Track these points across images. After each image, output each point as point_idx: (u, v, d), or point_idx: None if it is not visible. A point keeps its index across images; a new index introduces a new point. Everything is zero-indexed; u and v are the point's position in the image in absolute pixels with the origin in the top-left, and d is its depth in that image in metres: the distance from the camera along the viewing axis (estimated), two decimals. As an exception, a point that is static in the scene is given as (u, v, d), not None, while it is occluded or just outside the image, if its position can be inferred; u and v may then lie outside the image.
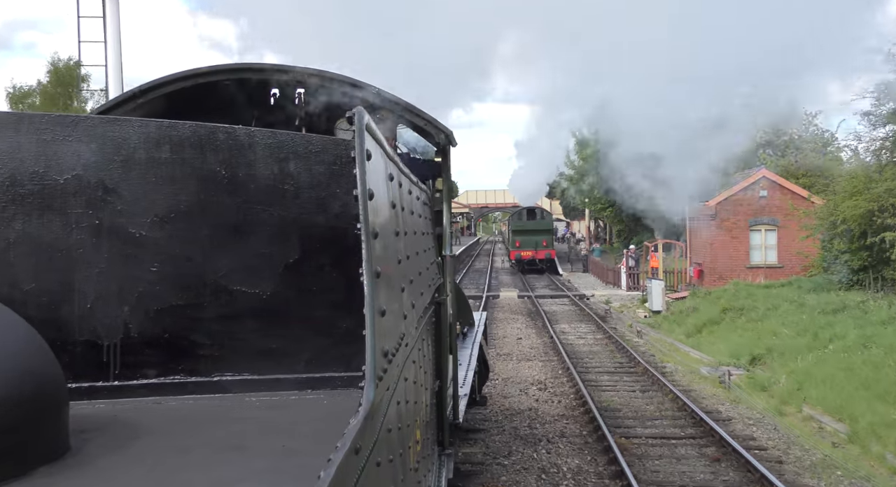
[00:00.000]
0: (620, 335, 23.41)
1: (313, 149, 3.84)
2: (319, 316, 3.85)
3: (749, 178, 29.06)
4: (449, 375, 6.00)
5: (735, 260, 29.12)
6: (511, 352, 20.60)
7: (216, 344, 3.84)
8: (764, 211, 28.90)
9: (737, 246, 29.13)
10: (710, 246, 29.53)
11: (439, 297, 5.44)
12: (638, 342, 22.30)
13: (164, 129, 3.74)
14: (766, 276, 28.06)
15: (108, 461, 2.69)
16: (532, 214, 53.16)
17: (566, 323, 26.83)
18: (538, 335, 23.97)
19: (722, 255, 29.26)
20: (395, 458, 2.50)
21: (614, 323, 26.99)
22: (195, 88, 5.07)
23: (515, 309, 31.66)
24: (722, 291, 26.23)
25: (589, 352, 20.50)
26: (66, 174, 3.67)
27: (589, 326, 25.83)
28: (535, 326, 26.06)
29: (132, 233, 3.74)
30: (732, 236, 29.18)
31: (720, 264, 29.29)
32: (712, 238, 29.43)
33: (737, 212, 29.09)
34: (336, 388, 3.83)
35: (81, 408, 3.33)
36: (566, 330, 24.93)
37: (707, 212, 29.49)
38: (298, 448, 2.84)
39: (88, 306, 3.73)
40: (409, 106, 5.51)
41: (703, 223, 30.23)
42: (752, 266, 29.02)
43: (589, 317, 27.86)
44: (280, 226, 3.82)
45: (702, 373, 17.03)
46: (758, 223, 29.03)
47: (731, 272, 29.09)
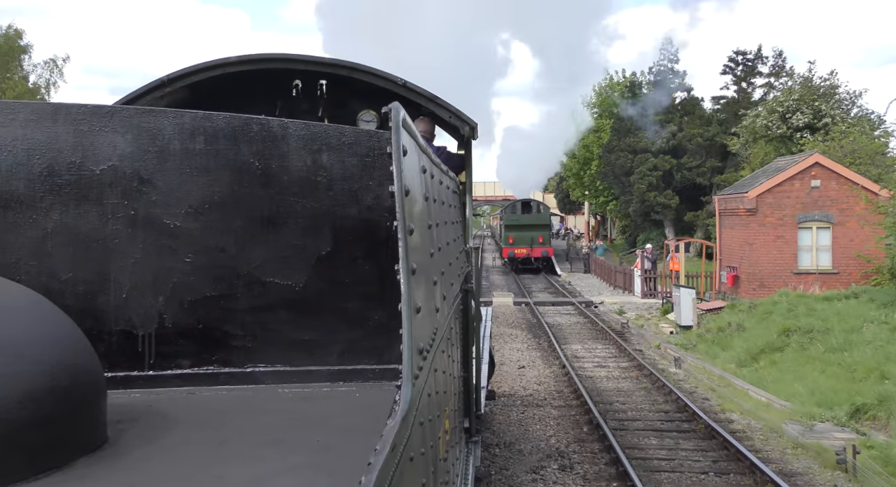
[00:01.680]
0: (651, 362, 18.23)
1: (346, 141, 3.80)
2: (352, 308, 3.80)
3: (798, 165, 23.90)
4: (474, 363, 6.07)
5: (779, 264, 24.00)
6: (513, 391, 15.36)
7: (249, 335, 3.83)
8: (816, 204, 23.77)
9: (782, 247, 24.00)
10: (748, 247, 24.39)
11: (466, 285, 5.47)
12: (676, 373, 17.14)
13: (198, 120, 3.73)
14: (821, 285, 22.92)
15: (145, 452, 2.72)
16: (527, 207, 47.94)
17: (577, 341, 21.63)
18: (545, 361, 18.76)
19: (764, 258, 24.13)
20: (426, 451, 2.52)
21: (636, 341, 21.83)
22: (222, 78, 5.28)
23: (512, 320, 26.43)
24: (771, 304, 21.08)
25: (618, 391, 15.29)
26: (103, 165, 3.68)
27: (607, 347, 20.64)
28: (540, 347, 20.84)
29: (167, 223, 3.74)
30: (777, 235, 24.05)
31: (761, 269, 24.15)
32: (751, 237, 24.27)
33: (782, 205, 23.96)
34: (368, 380, 3.80)
35: (117, 398, 3.29)
36: (580, 353, 19.72)
37: (745, 206, 24.32)
38: (332, 442, 2.80)
39: (124, 296, 3.73)
40: (434, 97, 5.65)
41: (740, 219, 25.05)
42: (800, 271, 23.89)
43: (604, 334, 22.67)
44: (313, 218, 3.79)
45: (790, 435, 11.84)
46: (808, 219, 23.89)
47: (774, 279, 23.97)
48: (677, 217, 42.02)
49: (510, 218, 46.94)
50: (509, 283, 41.28)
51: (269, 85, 5.44)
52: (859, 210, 23.26)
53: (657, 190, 41.41)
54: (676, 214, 41.72)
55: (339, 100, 5.60)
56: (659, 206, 41.25)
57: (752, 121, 33.26)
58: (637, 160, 41.56)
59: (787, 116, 31.23)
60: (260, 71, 5.32)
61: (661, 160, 40.92)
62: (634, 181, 41.51)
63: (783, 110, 31.33)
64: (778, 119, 31.41)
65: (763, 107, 33.01)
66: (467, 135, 5.98)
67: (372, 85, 5.44)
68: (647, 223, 44.74)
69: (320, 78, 5.51)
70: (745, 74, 41.53)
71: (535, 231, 46.02)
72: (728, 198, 26.15)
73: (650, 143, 40.98)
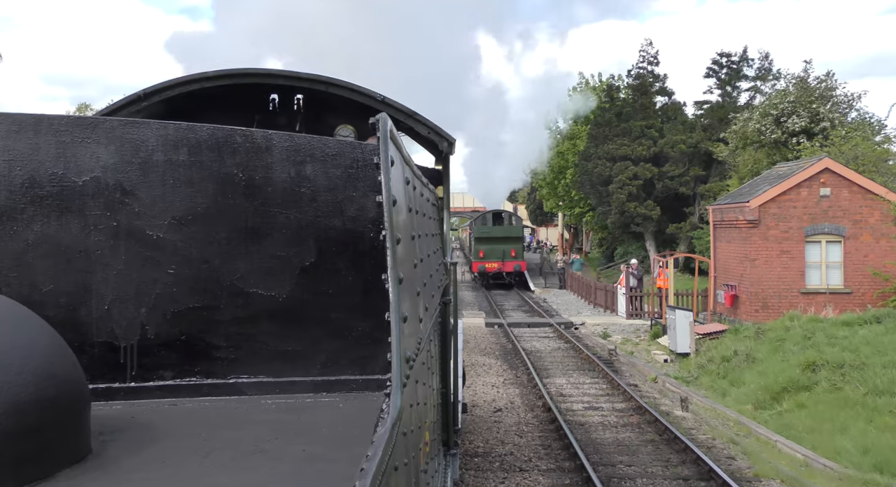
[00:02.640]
0: (651, 401, 15.31)
1: (330, 152, 3.81)
2: (335, 319, 3.82)
3: (805, 171, 21.26)
4: (452, 376, 6.03)
5: (785, 282, 21.29)
6: (489, 447, 12.29)
7: (232, 346, 3.82)
8: (826, 215, 21.13)
9: (787, 263, 21.31)
10: (749, 264, 21.66)
11: (445, 298, 5.45)
12: (684, 418, 14.22)
13: (181, 132, 3.73)
14: (835, 307, 20.22)
15: (130, 463, 2.70)
16: (499, 219, 45.06)
17: (561, 373, 18.66)
18: (525, 401, 15.74)
19: (767, 276, 21.40)
20: (409, 462, 2.49)
21: (628, 372, 18.93)
22: (199, 92, 5.28)
23: (485, 345, 23.41)
24: (782, 330, 18.32)
25: (618, 446, 12.30)
26: (85, 176, 3.66)
27: (596, 381, 17.69)
28: (518, 381, 17.82)
29: (150, 235, 3.73)
30: (782, 250, 21.35)
31: (765, 287, 21.42)
32: (753, 251, 21.56)
33: (788, 216, 21.28)
34: (351, 391, 3.80)
35: (99, 409, 3.32)
36: (565, 389, 16.75)
37: (746, 217, 21.61)
38: (318, 452, 2.81)
39: (106, 307, 3.71)
40: (413, 113, 5.65)
41: (740, 231, 22.33)
42: (808, 291, 21.19)
43: (590, 364, 19.74)
44: (296, 229, 3.80)
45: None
46: (817, 232, 21.24)
47: (779, 299, 21.25)
48: (659, 229, 39.40)
49: (480, 230, 44.01)
50: (480, 300, 38.30)
51: (247, 99, 5.41)
52: (874, 222, 20.72)
53: (637, 200, 38.76)
54: (658, 226, 39.10)
55: (316, 115, 5.60)
56: (639, 218, 38.60)
57: (743, 126, 30.74)
58: (616, 168, 38.88)
59: (781, 120, 28.73)
60: (237, 85, 5.29)
61: (642, 168, 38.29)
62: (613, 190, 38.81)
63: (777, 113, 28.83)
64: (772, 123, 28.90)
65: (756, 111, 30.48)
66: (445, 151, 5.96)
67: (349, 100, 5.39)
68: (625, 235, 42.07)
69: (297, 92, 5.52)
70: (729, 78, 39.16)
71: (508, 244, 43.14)
72: (725, 208, 23.45)
73: (630, 151, 38.33)
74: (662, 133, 39.21)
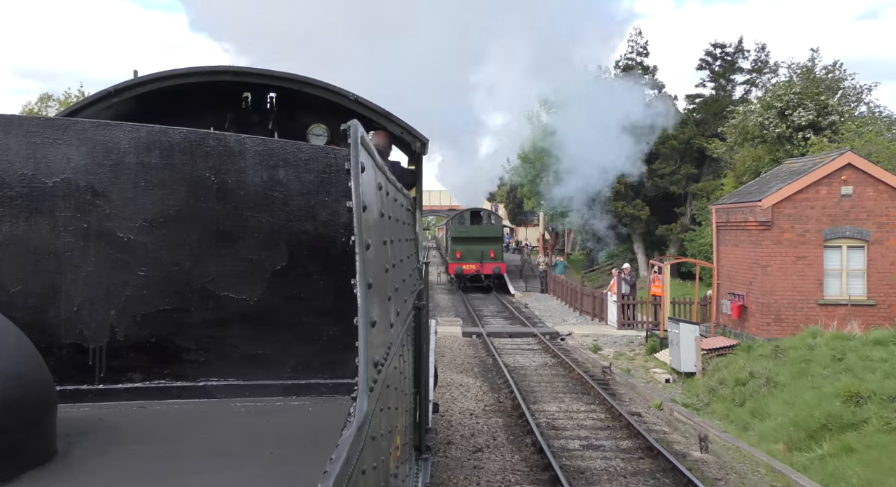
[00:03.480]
0: (662, 439, 12.75)
1: (303, 156, 3.83)
2: (306, 323, 3.84)
3: (824, 167, 18.84)
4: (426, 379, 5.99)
5: (801, 292, 18.86)
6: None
7: (202, 348, 3.83)
8: (847, 217, 18.74)
9: (804, 270, 18.88)
10: (760, 270, 19.22)
11: (419, 302, 5.43)
12: (705, 462, 11.67)
13: (154, 134, 3.74)
14: (859, 321, 17.81)
15: (95, 465, 2.70)
16: (477, 218, 42.46)
17: (550, 397, 16.06)
18: (511, 436, 13.10)
19: (781, 285, 18.96)
20: (378, 465, 2.51)
21: (627, 396, 16.39)
22: (171, 89, 5.20)
23: (462, 359, 20.76)
24: (805, 349, 15.87)
25: (631, 507, 9.70)
26: (55, 177, 3.67)
27: (592, 407, 15.10)
28: (501, 408, 15.18)
29: (120, 237, 3.74)
30: (797, 255, 18.92)
31: (777, 298, 18.98)
32: (765, 257, 19.11)
33: (805, 217, 18.86)
34: (321, 395, 3.83)
35: (67, 411, 3.34)
36: (558, 419, 14.14)
37: (757, 218, 19.17)
38: (285, 455, 2.84)
39: (75, 309, 3.72)
40: (387, 113, 5.64)
41: (749, 234, 19.89)
42: (826, 302, 18.78)
43: (583, 385, 17.17)
44: (268, 233, 3.82)
45: None
46: (837, 236, 18.84)
47: (793, 311, 18.83)
48: (647, 230, 37.03)
49: (458, 229, 41.38)
50: (456, 305, 35.65)
51: (219, 97, 5.41)
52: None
53: (625, 199, 36.37)
54: (646, 227, 36.73)
55: (290, 114, 5.57)
56: (627, 218, 36.20)
57: (743, 120, 28.39)
58: (603, 165, 36.43)
59: (786, 113, 26.38)
60: (209, 83, 5.26)
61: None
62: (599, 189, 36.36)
63: (782, 106, 26.48)
64: (775, 116, 26.56)
65: (758, 103, 28.12)
66: (418, 151, 6.02)
67: (322, 99, 5.41)
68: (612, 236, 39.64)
69: (270, 91, 5.52)
70: (723, 70, 36.85)
71: (486, 244, 40.57)
72: (732, 208, 20.98)
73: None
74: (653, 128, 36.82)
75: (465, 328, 26.36)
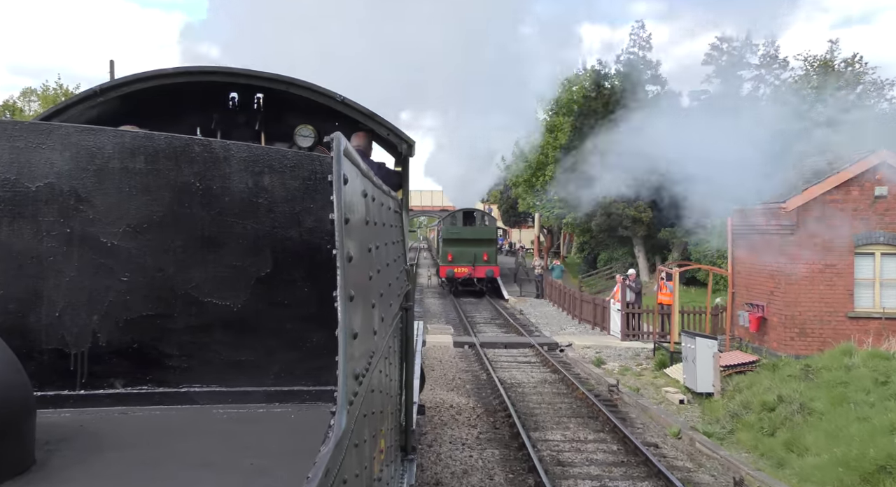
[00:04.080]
0: (688, 478, 10.88)
1: (288, 163, 3.81)
2: (290, 330, 3.83)
3: (855, 165, 17.05)
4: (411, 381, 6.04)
5: (829, 303, 17.07)
6: None
7: (185, 355, 3.80)
8: (881, 221, 16.95)
9: (832, 280, 17.09)
10: (783, 279, 17.41)
11: (406, 304, 5.42)
12: (742, 511, 9.79)
13: (139, 140, 3.73)
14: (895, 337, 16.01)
15: (74, 474, 2.67)
16: (470, 219, 40.63)
17: (553, 422, 14.18)
18: (508, 472, 11.23)
19: (806, 296, 17.15)
20: (360, 473, 2.49)
21: (640, 421, 14.54)
22: (157, 89, 5.16)
23: (453, 374, 18.87)
24: (841, 369, 14.02)
25: None
26: (39, 182, 3.65)
27: (602, 437, 13.23)
28: (497, 435, 13.29)
29: (104, 242, 3.72)
30: (825, 263, 17.12)
31: (802, 310, 17.17)
32: (788, 264, 17.30)
33: (833, 221, 17.06)
34: (304, 402, 3.80)
35: (47, 417, 3.34)
36: (564, 452, 12.25)
37: (781, 221, 17.35)
38: (266, 466, 2.83)
39: (57, 314, 3.70)
40: (373, 114, 5.62)
41: (770, 239, 18.07)
42: (857, 315, 16.99)
43: (588, 406, 15.32)
44: (253, 240, 3.81)
45: None
46: (870, 241, 17.05)
47: (820, 325, 17.03)
48: (649, 233, 35.20)
49: (449, 230, 39.50)
50: (447, 310, 33.76)
51: (206, 97, 5.39)
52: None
53: (626, 200, 34.52)
54: (648, 230, 34.90)
55: (277, 115, 5.55)
56: (628, 220, 34.37)
57: (755, 117, 26.57)
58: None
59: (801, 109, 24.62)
60: (196, 83, 5.24)
61: (632, 165, 34.02)
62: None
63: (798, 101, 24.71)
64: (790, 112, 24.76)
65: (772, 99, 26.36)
66: (405, 153, 5.97)
67: (310, 100, 5.38)
68: (611, 239, 37.82)
69: (257, 92, 5.48)
70: (730, 65, 35.07)
71: (479, 247, 38.72)
72: (749, 210, 19.16)
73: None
74: (655, 126, 34.98)
75: (457, 337, 24.48)
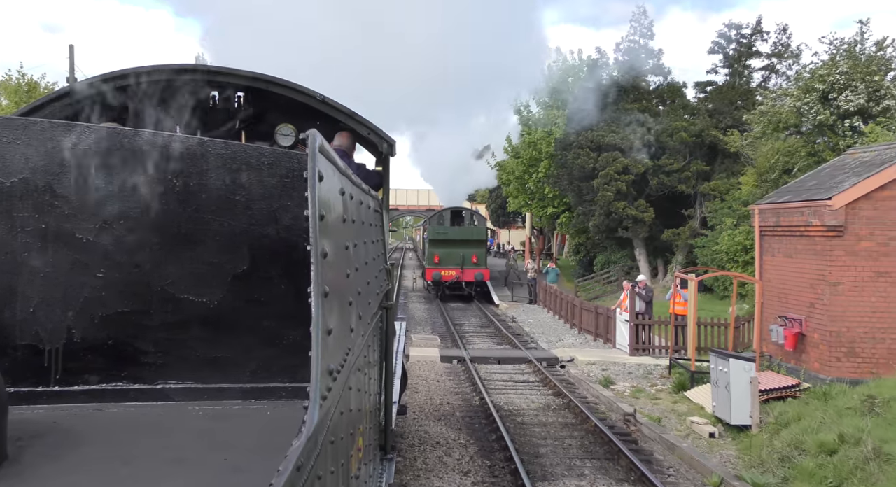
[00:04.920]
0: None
1: (266, 161, 3.84)
2: (267, 327, 3.84)
3: (914, 156, 14.50)
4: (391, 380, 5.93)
5: (882, 317, 14.51)
6: None
7: (161, 351, 3.82)
8: (947, 221, 14.38)
9: (886, 289, 14.53)
10: (827, 290, 14.85)
11: (386, 303, 5.42)
12: None
13: (115, 136, 3.73)
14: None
15: (46, 470, 2.67)
16: (458, 218, 37.98)
17: (563, 466, 11.51)
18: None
19: (856, 309, 14.59)
20: (336, 469, 2.48)
21: (666, 461, 11.91)
22: (136, 87, 5.09)
23: (440, 397, 16.18)
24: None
25: None
26: (13, 177, 3.66)
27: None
28: (493, 484, 10.62)
29: (79, 238, 3.72)
30: (879, 270, 14.56)
31: (851, 324, 14.61)
32: (834, 271, 14.74)
33: (889, 221, 14.51)
34: (281, 399, 3.81)
35: (20, 414, 3.35)
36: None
37: (825, 221, 14.79)
38: (240, 462, 2.81)
39: (31, 310, 3.70)
40: (353, 113, 5.61)
41: (810, 242, 15.50)
42: (916, 331, 14.40)
43: (602, 441, 12.67)
44: (230, 237, 3.82)
45: None
46: (933, 245, 14.48)
47: (873, 343, 14.48)
48: (651, 234, 32.65)
49: (436, 231, 36.82)
50: (433, 317, 31.05)
51: (186, 95, 5.31)
52: None
53: (627, 199, 31.97)
54: (650, 231, 32.35)
55: (257, 114, 5.53)
56: (629, 220, 31.80)
57: (774, 106, 24.08)
58: (602, 159, 32.01)
59: (830, 97, 22.10)
60: (176, 81, 5.18)
61: (634, 161, 31.48)
62: (598, 186, 31.92)
63: (825, 88, 22.18)
64: (817, 101, 22.25)
65: (795, 86, 23.81)
66: (385, 152, 5.99)
67: (290, 99, 5.38)
68: (609, 241, 35.24)
69: (238, 90, 5.47)
70: (739, 54, 32.60)
71: (468, 248, 36.06)
72: (783, 208, 16.58)
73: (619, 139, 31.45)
74: (659, 119, 32.49)
75: (445, 350, 21.77)
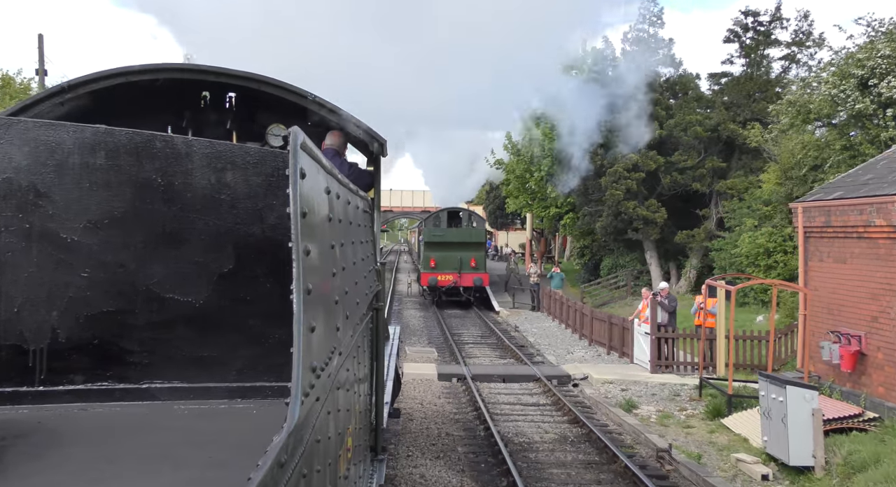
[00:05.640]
0: None
1: (251, 160, 3.83)
2: (252, 326, 3.83)
3: None
4: (382, 380, 5.93)
5: (960, 334, 12.26)
6: None
7: (146, 351, 3.80)
8: None
9: (964, 301, 12.29)
10: (892, 300, 12.61)
11: (376, 304, 5.38)
12: None
13: (99, 135, 3.72)
14: None
15: (29, 469, 2.66)
16: (455, 220, 35.74)
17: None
18: None
19: (928, 323, 12.34)
20: (323, 468, 2.49)
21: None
22: (126, 87, 5.07)
23: (438, 426, 13.89)
24: None
25: None
26: None
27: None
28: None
29: (63, 237, 3.71)
30: (956, 278, 12.32)
31: (923, 342, 12.35)
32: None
33: (966, 221, 12.28)
34: (267, 398, 3.79)
35: (4, 413, 3.37)
36: None
37: (887, 220, 12.57)
38: (225, 459, 2.79)
39: (15, 310, 3.68)
40: (345, 114, 5.56)
41: (868, 245, 13.29)
42: None
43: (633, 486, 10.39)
44: (215, 236, 3.81)
45: None
46: None
47: (949, 363, 12.20)
48: (662, 236, 30.42)
49: (432, 233, 34.57)
50: (430, 326, 28.76)
51: (176, 95, 5.31)
52: None
53: (637, 198, 29.75)
54: (662, 232, 30.12)
55: (249, 114, 5.53)
56: (639, 221, 29.58)
57: (803, 94, 21.88)
58: (610, 156, 29.78)
59: (870, 83, 19.90)
60: (166, 81, 5.10)
61: (644, 157, 29.24)
62: (606, 185, 29.68)
63: (864, 73, 19.99)
64: (854, 88, 20.05)
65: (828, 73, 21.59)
66: (376, 152, 5.97)
67: (282, 99, 5.35)
68: (617, 243, 32.99)
69: (229, 90, 5.43)
70: (756, 43, 30.41)
71: (466, 251, 33.81)
72: (835, 205, 14.36)
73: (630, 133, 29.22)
74: (670, 112, 30.27)
75: (443, 366, 19.50)
